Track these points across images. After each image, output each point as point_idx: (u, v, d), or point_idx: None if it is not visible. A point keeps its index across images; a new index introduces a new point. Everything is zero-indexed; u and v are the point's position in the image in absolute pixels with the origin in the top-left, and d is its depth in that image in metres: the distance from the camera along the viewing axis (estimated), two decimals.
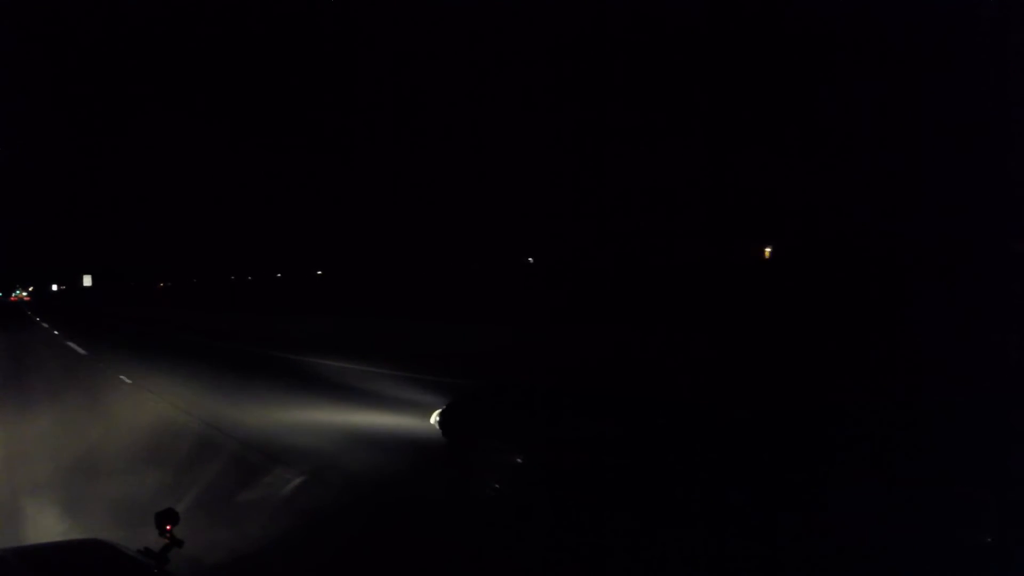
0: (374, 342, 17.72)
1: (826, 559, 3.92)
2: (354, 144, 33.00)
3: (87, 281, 62.07)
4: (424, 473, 6.34)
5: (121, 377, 12.91)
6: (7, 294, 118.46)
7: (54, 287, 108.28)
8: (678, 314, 11.69)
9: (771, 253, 12.85)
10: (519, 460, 5.27)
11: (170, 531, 2.35)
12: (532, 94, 22.39)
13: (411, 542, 4.79)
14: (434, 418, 6.21)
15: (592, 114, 19.72)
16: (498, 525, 5.03)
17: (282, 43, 37.14)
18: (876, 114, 11.23)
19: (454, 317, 17.27)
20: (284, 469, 6.45)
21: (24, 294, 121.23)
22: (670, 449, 4.58)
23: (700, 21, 16.23)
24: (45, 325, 34.14)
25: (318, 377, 12.68)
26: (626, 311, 13.13)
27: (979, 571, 3.63)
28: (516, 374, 10.22)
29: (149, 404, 10.06)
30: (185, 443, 7.35)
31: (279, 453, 7.01)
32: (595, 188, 19.64)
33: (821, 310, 9.21)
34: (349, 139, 33.35)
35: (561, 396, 5.40)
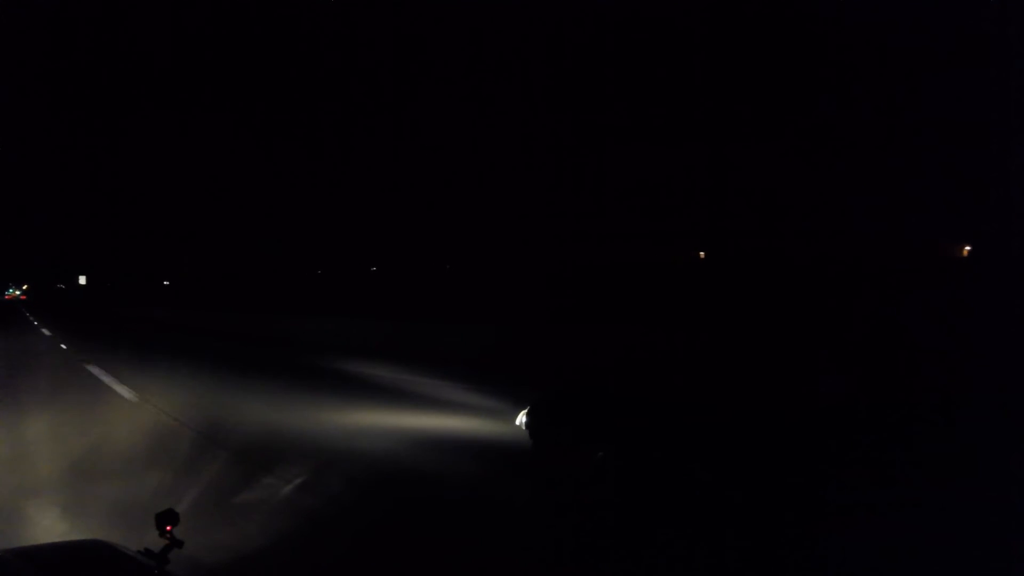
0: (385, 344, 17.66)
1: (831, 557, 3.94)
2: (353, 144, 32.99)
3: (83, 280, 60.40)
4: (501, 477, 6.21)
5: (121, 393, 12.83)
6: (1, 292, 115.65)
7: (62, 285, 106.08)
8: (681, 314, 11.70)
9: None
10: (620, 463, 5.15)
11: (170, 531, 2.34)
12: (531, 93, 22.42)
13: (414, 542, 4.75)
14: (520, 419, 6.17)
15: (590, 114, 19.74)
16: (598, 529, 4.82)
17: (286, 42, 37.14)
18: (878, 113, 11.25)
19: (457, 318, 17.27)
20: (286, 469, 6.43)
21: (19, 293, 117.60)
22: (769, 453, 4.57)
23: (695, 21, 16.27)
24: (35, 323, 34.03)
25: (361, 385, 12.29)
26: (636, 311, 13.15)
27: (979, 570, 3.64)
28: (544, 375, 10.26)
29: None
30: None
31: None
32: (595, 188, 19.65)
33: (821, 309, 9.22)
34: (347, 139, 33.33)
35: (652, 399, 5.35)
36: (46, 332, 27.84)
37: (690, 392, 5.23)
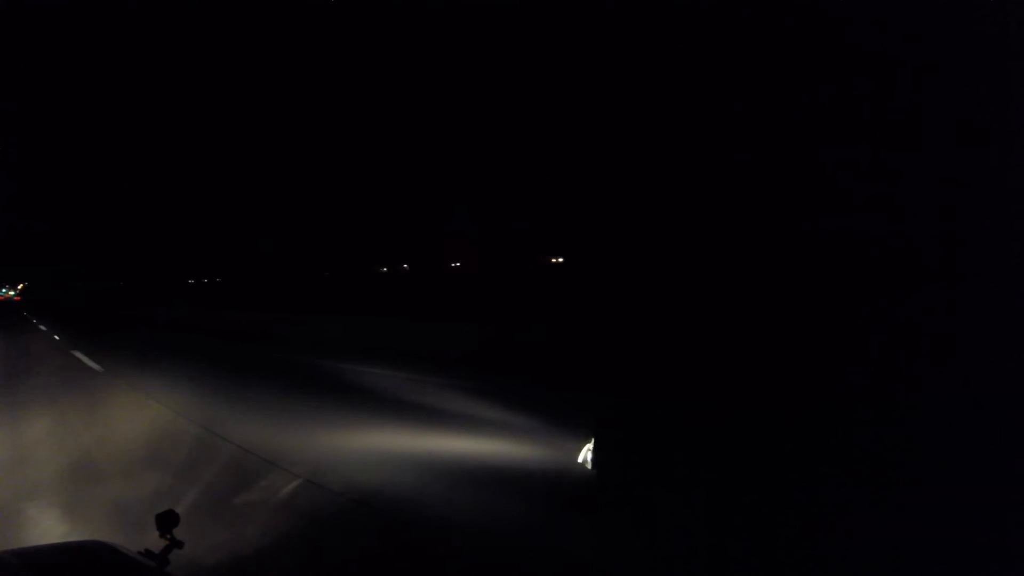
0: (387, 344, 17.53)
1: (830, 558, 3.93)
2: (348, 143, 32.96)
3: None
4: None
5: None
6: None
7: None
8: (675, 314, 11.67)
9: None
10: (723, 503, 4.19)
11: (171, 532, 2.34)
12: (529, 93, 22.41)
13: (415, 547, 4.70)
14: (584, 455, 5.03)
15: (589, 113, 19.73)
16: None
17: (287, 42, 37.03)
18: (877, 111, 11.24)
19: (459, 316, 17.24)
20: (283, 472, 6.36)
21: (12, 293, 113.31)
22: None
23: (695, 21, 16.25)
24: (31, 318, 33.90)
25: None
26: (632, 311, 13.04)
27: (979, 571, 3.64)
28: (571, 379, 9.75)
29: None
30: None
31: None
32: (592, 186, 19.65)
33: (820, 309, 9.21)
34: (347, 138, 33.30)
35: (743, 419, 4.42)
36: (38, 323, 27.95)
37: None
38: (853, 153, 11.25)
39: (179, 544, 2.33)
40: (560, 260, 19.35)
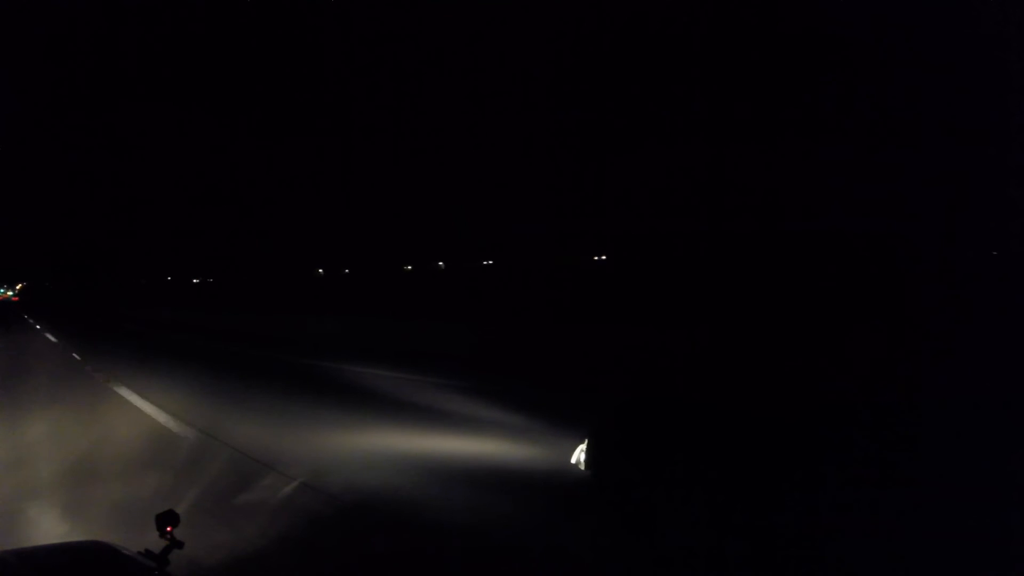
0: (386, 343, 17.44)
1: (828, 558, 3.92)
2: (347, 143, 32.97)
3: None
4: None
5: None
6: None
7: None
8: (674, 313, 11.66)
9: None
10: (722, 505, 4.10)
11: (171, 532, 2.34)
12: (528, 92, 22.42)
13: (414, 548, 4.66)
14: (577, 456, 4.93)
15: (588, 112, 19.75)
16: None
17: (287, 42, 37.05)
18: (880, 112, 11.24)
19: (459, 316, 17.20)
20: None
21: (11, 293, 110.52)
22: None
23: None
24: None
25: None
26: (632, 310, 13.00)
27: (979, 571, 3.63)
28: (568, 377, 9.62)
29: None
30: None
31: None
32: (594, 186, 19.64)
33: (820, 308, 9.21)
34: (348, 138, 33.30)
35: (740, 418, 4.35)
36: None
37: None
38: (852, 153, 11.25)
39: (179, 544, 2.33)
40: (603, 258, 19.05)
